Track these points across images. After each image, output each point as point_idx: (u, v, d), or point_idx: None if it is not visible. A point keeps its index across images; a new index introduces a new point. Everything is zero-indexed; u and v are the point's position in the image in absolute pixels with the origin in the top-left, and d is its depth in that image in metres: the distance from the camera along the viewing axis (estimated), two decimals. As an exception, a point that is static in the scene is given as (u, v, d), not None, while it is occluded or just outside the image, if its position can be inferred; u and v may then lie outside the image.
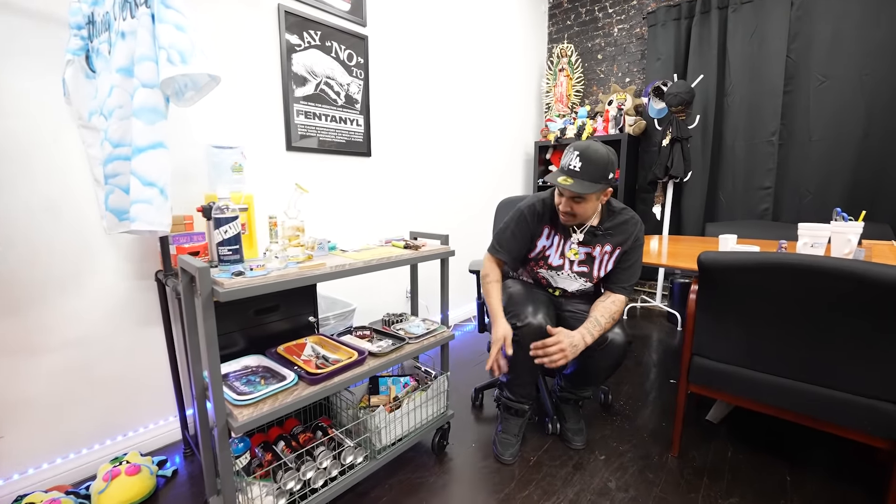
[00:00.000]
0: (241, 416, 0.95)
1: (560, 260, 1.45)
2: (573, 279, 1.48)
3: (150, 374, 1.51)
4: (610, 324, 1.35)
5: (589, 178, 1.23)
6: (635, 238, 1.40)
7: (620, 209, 1.43)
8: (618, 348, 1.37)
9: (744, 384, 1.33)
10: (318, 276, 1.05)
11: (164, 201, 1.04)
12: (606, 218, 1.41)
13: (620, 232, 1.40)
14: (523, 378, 1.47)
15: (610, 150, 1.27)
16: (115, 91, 1.06)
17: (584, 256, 1.43)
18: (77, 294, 1.34)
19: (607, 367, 1.42)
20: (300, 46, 1.84)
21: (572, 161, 1.24)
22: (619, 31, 3.29)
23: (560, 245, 1.45)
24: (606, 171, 1.25)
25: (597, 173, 1.23)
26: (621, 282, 1.42)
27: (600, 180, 1.24)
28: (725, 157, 2.89)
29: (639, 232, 1.41)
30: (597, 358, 1.39)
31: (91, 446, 1.40)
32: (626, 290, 1.42)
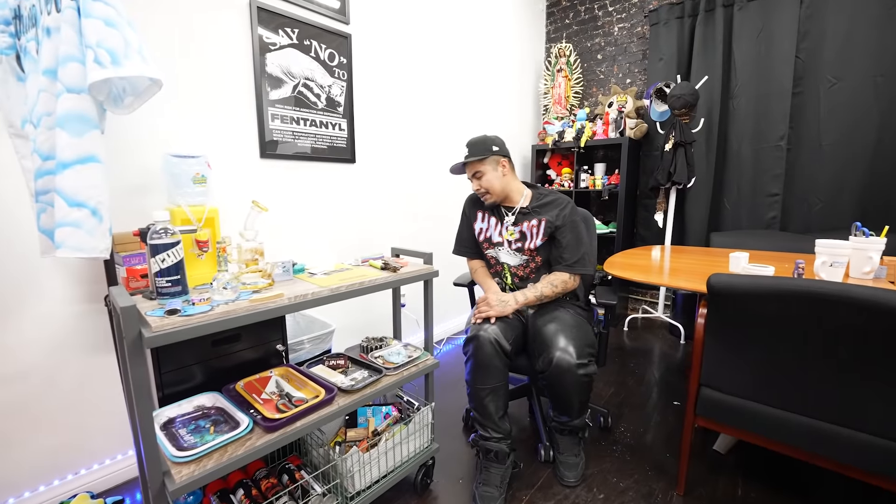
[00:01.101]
0: (180, 477, 0.81)
1: (499, 238, 1.57)
2: (513, 255, 1.56)
3: (104, 405, 1.37)
4: (550, 290, 1.45)
5: (475, 154, 1.47)
6: (565, 216, 1.48)
7: (549, 192, 1.56)
8: (565, 373, 1.28)
9: (757, 421, 1.19)
10: (274, 310, 0.92)
11: (98, 223, 0.91)
12: (534, 200, 1.55)
13: (548, 209, 1.51)
14: (486, 406, 1.37)
15: (489, 135, 1.52)
16: (42, 96, 0.92)
17: (518, 235, 1.53)
18: (16, 321, 1.20)
19: (564, 395, 1.35)
20: (275, 45, 1.70)
21: (465, 151, 1.51)
22: (620, 31, 3.16)
23: (497, 226, 1.58)
24: (487, 144, 1.48)
25: (480, 149, 1.48)
26: (563, 260, 1.48)
27: (486, 153, 1.47)
28: (731, 163, 2.75)
29: (569, 210, 1.50)
30: (549, 382, 1.34)
31: (35, 488, 1.27)
32: (568, 268, 1.47)
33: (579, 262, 1.47)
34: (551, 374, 1.30)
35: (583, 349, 1.30)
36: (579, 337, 1.32)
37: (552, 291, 1.45)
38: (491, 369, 1.34)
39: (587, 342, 1.34)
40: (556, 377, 1.30)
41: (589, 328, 1.44)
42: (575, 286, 1.51)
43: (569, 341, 1.30)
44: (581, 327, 1.39)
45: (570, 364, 1.27)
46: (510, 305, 1.42)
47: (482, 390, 1.35)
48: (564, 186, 3.22)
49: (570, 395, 1.33)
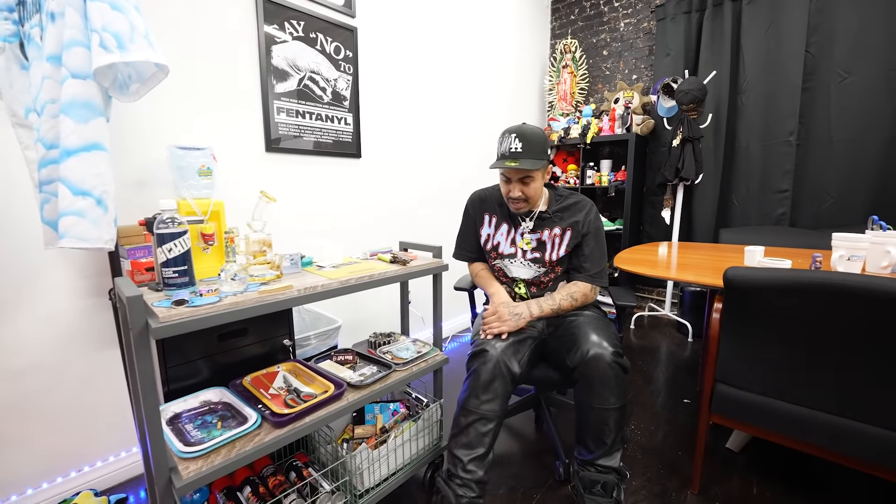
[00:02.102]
0: (187, 473, 0.79)
1: (511, 248, 1.38)
2: (527, 267, 1.38)
3: (109, 402, 1.35)
4: (568, 303, 1.30)
5: (533, 156, 1.22)
6: (590, 221, 1.34)
7: (569, 194, 1.39)
8: (600, 360, 1.12)
9: (776, 417, 1.16)
10: (283, 302, 0.89)
11: (103, 213, 0.89)
12: (554, 202, 1.36)
13: (571, 214, 1.34)
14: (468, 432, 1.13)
15: (542, 129, 1.30)
16: (46, 83, 0.90)
17: (535, 244, 1.35)
18: (20, 316, 1.18)
19: (599, 388, 1.13)
20: (281, 38, 1.68)
21: (512, 144, 1.22)
22: (626, 26, 3.13)
23: (509, 234, 1.39)
24: (545, 146, 1.26)
25: (539, 149, 1.23)
26: (584, 270, 1.34)
27: (543, 156, 1.25)
28: (739, 159, 2.72)
29: (593, 215, 1.35)
30: (583, 374, 1.14)
31: (38, 485, 1.25)
32: (591, 278, 1.33)
33: (601, 273, 1.34)
34: (587, 365, 1.14)
35: (616, 344, 1.18)
36: (612, 335, 1.21)
37: (570, 304, 1.31)
38: (490, 391, 1.14)
39: (615, 337, 1.23)
40: (591, 367, 1.13)
41: (613, 328, 1.30)
42: (594, 299, 1.37)
43: (601, 335, 1.18)
44: (606, 324, 1.29)
45: (604, 353, 1.13)
46: (524, 318, 1.25)
47: (472, 413, 1.13)
48: (570, 183, 3.19)
49: (605, 394, 1.13)
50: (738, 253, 1.87)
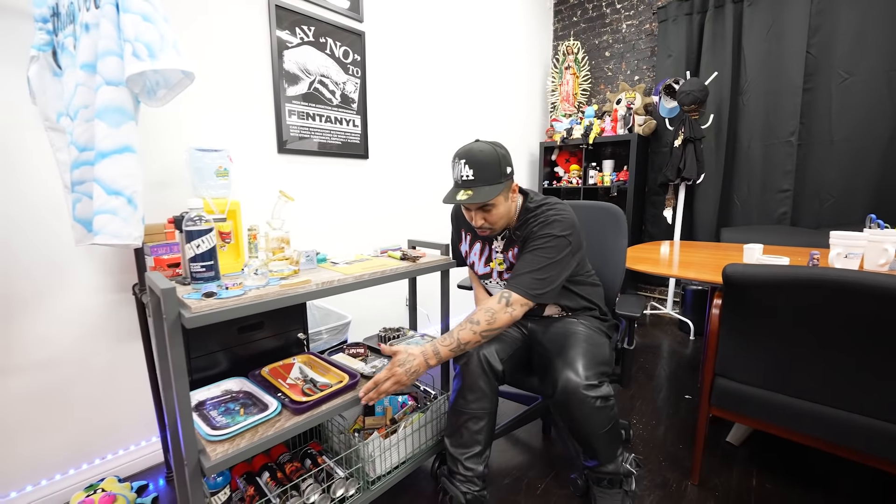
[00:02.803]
0: (215, 454, 0.84)
1: (486, 268, 1.32)
2: (502, 287, 1.27)
3: (130, 393, 1.41)
4: (468, 331, 1.07)
5: (487, 182, 1.09)
6: (531, 231, 1.15)
7: (537, 203, 1.20)
8: (571, 397, 1.03)
9: (774, 410, 1.20)
10: (303, 295, 0.95)
11: (133, 211, 0.94)
12: (521, 217, 1.21)
13: (525, 229, 1.19)
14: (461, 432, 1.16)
15: (496, 144, 1.13)
16: (79, 89, 0.95)
17: (507, 264, 1.26)
18: (49, 311, 1.24)
19: (577, 427, 1.09)
20: (292, 43, 1.74)
21: (463, 171, 1.10)
22: (628, 28, 3.17)
23: (484, 252, 1.32)
24: (501, 166, 1.11)
25: (493, 173, 1.09)
26: (513, 275, 1.14)
27: (500, 179, 1.10)
28: (741, 159, 2.76)
29: (541, 224, 1.14)
30: (557, 410, 1.11)
31: (65, 471, 1.31)
32: (514, 285, 1.10)
33: (519, 279, 1.11)
34: (557, 401, 1.07)
35: (593, 367, 1.07)
36: (589, 352, 1.11)
37: (473, 332, 1.07)
38: (475, 391, 1.14)
39: (600, 359, 1.12)
40: (562, 404, 1.06)
41: (604, 342, 1.21)
42: (510, 318, 1.09)
43: (576, 358, 1.08)
44: (592, 341, 1.17)
45: (575, 385, 1.03)
46: (421, 373, 1.06)
47: (462, 413, 1.15)
48: (573, 183, 3.23)
49: (584, 425, 1.07)
50: (738, 251, 1.92)
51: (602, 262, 1.48)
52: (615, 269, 1.48)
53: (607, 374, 1.14)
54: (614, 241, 1.50)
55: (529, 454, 1.58)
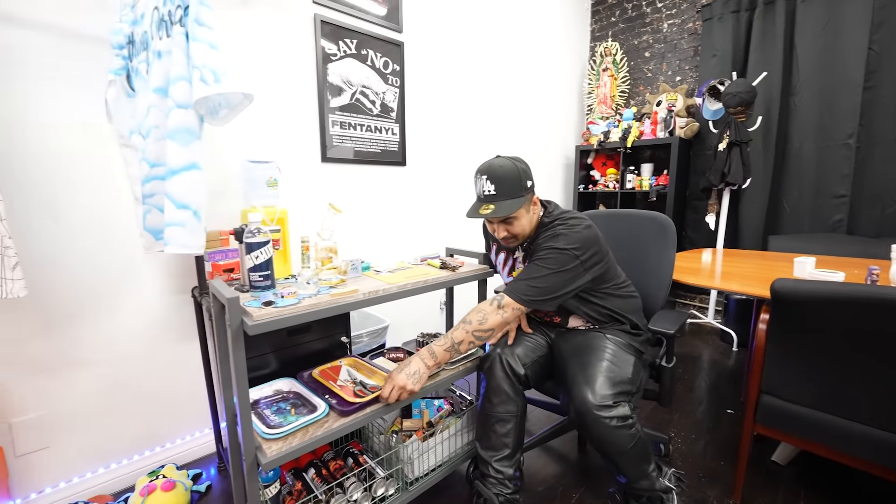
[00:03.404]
0: (270, 451, 0.90)
1: (509, 277, 1.33)
2: None
3: (187, 387, 1.52)
4: (461, 332, 1.13)
5: (509, 196, 1.13)
6: (538, 245, 1.18)
7: (551, 220, 1.21)
8: (585, 418, 1.02)
9: (822, 430, 1.16)
10: (351, 305, 1.00)
11: (198, 224, 1.02)
12: (538, 231, 1.23)
13: (538, 243, 1.20)
14: (489, 435, 1.18)
15: (515, 160, 1.17)
16: (151, 111, 1.04)
17: None
18: (118, 310, 1.36)
19: (598, 448, 1.08)
20: (336, 56, 1.81)
21: (485, 186, 1.14)
22: (670, 27, 3.07)
23: (508, 262, 1.34)
24: (522, 180, 1.14)
25: (514, 187, 1.13)
26: (512, 281, 1.19)
27: (521, 192, 1.14)
28: (791, 162, 2.61)
29: (547, 239, 1.16)
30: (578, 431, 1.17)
31: (130, 457, 1.43)
32: (508, 289, 1.15)
33: (513, 285, 1.14)
34: (573, 422, 1.08)
35: (611, 386, 1.04)
36: (610, 370, 1.08)
37: (466, 332, 1.12)
38: (500, 394, 1.17)
39: (620, 378, 1.08)
40: (579, 425, 1.07)
41: (629, 359, 1.16)
42: (502, 320, 1.13)
43: (594, 376, 1.06)
44: (615, 358, 1.14)
45: (589, 406, 1.01)
46: (423, 375, 1.11)
47: (489, 416, 1.18)
48: (609, 188, 3.17)
49: (602, 444, 1.04)
50: (787, 262, 1.83)
51: (643, 273, 1.45)
52: (658, 283, 1.43)
53: (628, 393, 1.09)
54: (660, 252, 1.44)
55: (564, 465, 1.57)
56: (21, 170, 1.17)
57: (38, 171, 1.20)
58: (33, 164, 1.19)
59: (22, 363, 1.21)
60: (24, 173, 1.17)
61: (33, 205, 1.19)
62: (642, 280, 1.43)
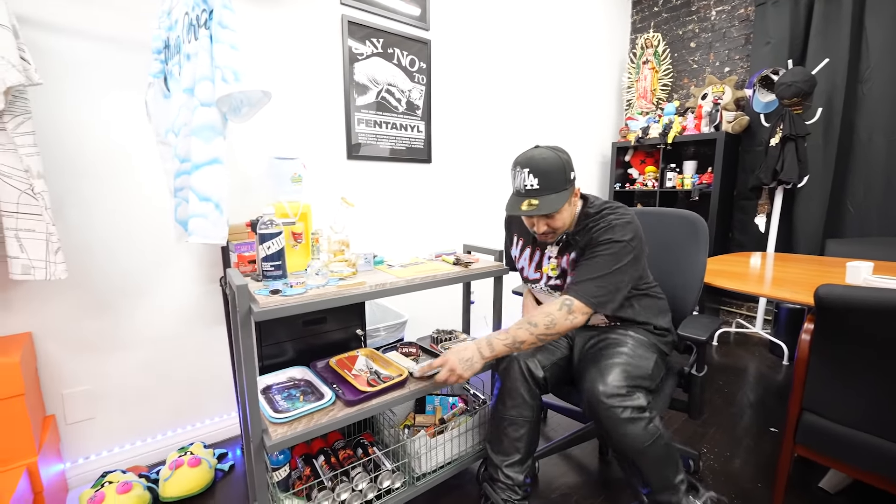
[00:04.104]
0: (276, 434, 0.94)
1: (536, 273, 1.27)
2: (550, 295, 1.25)
3: (217, 371, 1.61)
4: (525, 331, 1.05)
5: (553, 190, 1.06)
6: (592, 238, 1.10)
7: (598, 208, 1.15)
8: (596, 407, 0.97)
9: (871, 455, 1.03)
10: (357, 296, 1.01)
11: (220, 216, 1.08)
12: (579, 223, 1.16)
13: (587, 232, 1.13)
14: (501, 438, 1.15)
15: (558, 150, 1.09)
16: (182, 110, 1.11)
17: (559, 271, 1.21)
18: (155, 296, 1.47)
19: (610, 442, 1.01)
20: (362, 55, 1.85)
21: (526, 180, 1.06)
22: (718, 14, 2.87)
23: (535, 257, 1.27)
24: (565, 172, 1.07)
25: (558, 180, 1.06)
26: (575, 281, 1.10)
27: (565, 185, 1.07)
28: (857, 158, 2.36)
29: (601, 230, 1.09)
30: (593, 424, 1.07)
31: (164, 433, 1.54)
32: (568, 291, 1.08)
33: (580, 285, 1.07)
34: (586, 411, 1.02)
35: (625, 377, 0.99)
36: (626, 363, 1.03)
37: (531, 334, 1.06)
38: (515, 397, 1.13)
39: (638, 373, 1.03)
40: (591, 414, 1.00)
41: (650, 357, 1.10)
42: (570, 325, 1.06)
43: (607, 367, 1.01)
44: (634, 353, 1.09)
45: (599, 394, 0.96)
46: (476, 363, 1.09)
47: (502, 419, 1.15)
48: (648, 186, 3.01)
49: (616, 440, 0.98)
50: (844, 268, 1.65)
51: (672, 275, 1.36)
52: (688, 286, 1.33)
53: (646, 388, 1.03)
54: (690, 254, 1.34)
55: (583, 474, 1.51)
56: (71, 166, 1.29)
57: (85, 167, 1.32)
58: (81, 161, 1.31)
59: (75, 340, 1.34)
60: (74, 169, 1.30)
61: (83, 198, 1.32)
62: (670, 282, 1.34)
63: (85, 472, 1.38)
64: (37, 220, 1.00)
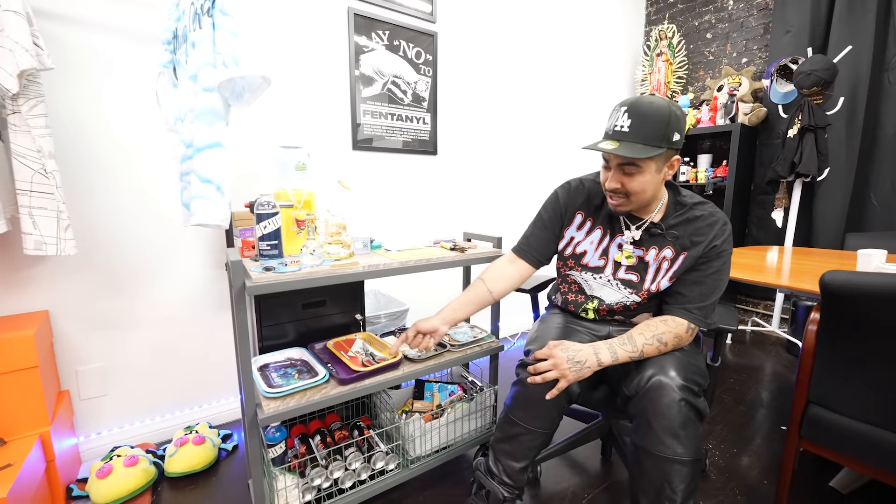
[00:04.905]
0: (269, 408, 0.96)
1: (601, 260, 1.08)
2: (615, 288, 1.08)
3: (223, 355, 1.66)
4: (654, 348, 0.97)
5: (642, 139, 0.88)
6: (712, 245, 0.98)
7: (694, 203, 1.02)
8: (663, 394, 0.89)
9: (879, 450, 0.98)
10: (350, 275, 1.03)
11: (221, 197, 1.11)
12: (673, 212, 1.02)
13: (693, 232, 0.99)
14: (510, 440, 1.05)
15: (673, 104, 0.92)
16: (187, 96, 1.15)
17: (636, 261, 1.04)
18: (166, 279, 1.52)
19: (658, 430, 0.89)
20: (368, 48, 1.87)
21: (619, 119, 0.91)
22: (735, 4, 2.79)
23: (603, 241, 1.08)
24: (669, 128, 0.89)
25: (655, 132, 0.88)
26: (685, 301, 1.00)
27: (661, 143, 0.89)
28: (883, 150, 2.25)
29: (721, 236, 0.98)
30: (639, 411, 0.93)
31: (172, 412, 1.59)
32: (691, 314, 0.99)
33: (706, 309, 1.00)
34: (645, 396, 0.92)
35: (689, 377, 0.93)
36: (686, 364, 0.96)
37: (657, 350, 0.97)
38: (540, 407, 1.00)
39: (695, 371, 0.96)
40: (650, 400, 0.91)
41: (696, 360, 1.01)
42: (688, 341, 1.02)
43: (670, 365, 0.94)
44: (692, 354, 1.02)
45: (669, 384, 0.90)
46: (588, 368, 0.96)
47: (518, 424, 1.03)
48: (660, 181, 2.95)
49: (669, 431, 0.88)
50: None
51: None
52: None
53: (703, 387, 0.96)
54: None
55: (583, 475, 1.47)
56: (87, 151, 1.35)
57: (99, 152, 1.37)
58: (95, 146, 1.37)
59: (89, 319, 1.40)
60: (89, 154, 1.36)
61: (97, 182, 1.38)
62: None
63: (97, 447, 1.44)
64: (49, 198, 1.05)
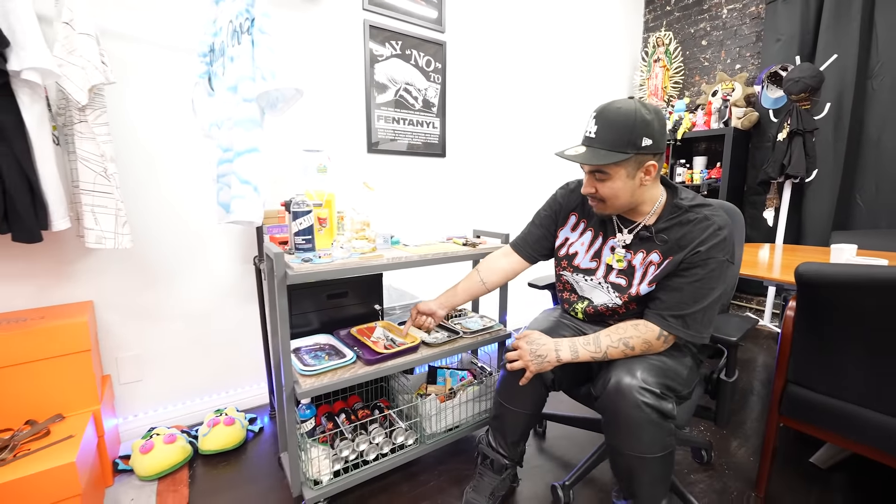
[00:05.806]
0: (305, 384, 1.08)
1: (593, 262, 1.09)
2: (605, 291, 1.08)
3: (249, 343, 1.78)
4: (619, 351, 0.96)
5: (606, 145, 0.91)
6: (695, 250, 0.94)
7: (692, 205, 0.98)
8: (624, 396, 0.89)
9: (852, 424, 1.10)
10: (377, 266, 1.15)
11: (257, 197, 1.23)
12: (667, 215, 1.00)
13: (680, 236, 0.96)
14: (502, 421, 1.16)
15: (647, 107, 0.91)
16: (225, 106, 1.28)
17: (626, 265, 1.04)
18: (198, 273, 1.64)
19: (619, 435, 0.91)
20: (382, 57, 2.00)
21: (589, 125, 0.94)
22: (730, 13, 2.92)
23: (595, 244, 1.10)
24: (635, 133, 0.89)
25: (619, 137, 0.89)
26: (662, 307, 0.97)
27: (626, 147, 0.89)
28: (867, 153, 2.38)
29: (708, 242, 0.93)
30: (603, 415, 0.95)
31: (202, 397, 1.71)
32: (665, 322, 0.96)
33: (685, 318, 0.95)
34: (603, 400, 0.93)
35: (661, 381, 0.91)
36: (660, 369, 0.94)
37: (622, 353, 0.97)
38: (521, 391, 1.08)
39: (671, 377, 0.95)
40: (611, 401, 0.91)
41: (676, 366, 0.99)
42: (660, 349, 0.99)
43: (640, 367, 0.93)
44: (671, 359, 0.99)
45: (629, 385, 0.88)
46: (547, 362, 1.00)
47: (505, 407, 1.14)
48: (657, 181, 3.07)
49: (633, 434, 0.89)
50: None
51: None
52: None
53: (675, 391, 0.95)
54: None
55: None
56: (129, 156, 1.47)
57: (143, 157, 1.50)
58: (139, 152, 1.49)
59: (128, 309, 1.52)
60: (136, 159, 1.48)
61: (139, 182, 1.50)
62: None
63: (134, 428, 1.56)
64: (108, 197, 1.17)
